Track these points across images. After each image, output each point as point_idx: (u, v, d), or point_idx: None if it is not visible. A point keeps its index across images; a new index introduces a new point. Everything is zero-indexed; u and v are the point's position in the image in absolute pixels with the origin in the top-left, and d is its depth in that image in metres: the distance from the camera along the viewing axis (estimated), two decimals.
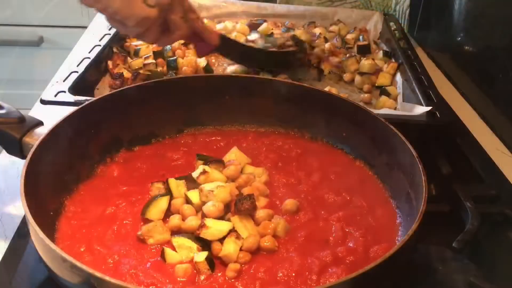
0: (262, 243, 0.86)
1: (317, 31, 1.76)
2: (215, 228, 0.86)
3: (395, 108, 1.35)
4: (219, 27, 1.71)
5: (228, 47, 1.41)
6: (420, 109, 1.23)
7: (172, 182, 0.96)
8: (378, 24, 1.81)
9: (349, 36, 1.74)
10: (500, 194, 1.08)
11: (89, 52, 1.45)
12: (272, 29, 1.71)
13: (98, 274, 0.67)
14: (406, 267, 0.80)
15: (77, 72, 1.34)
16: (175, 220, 0.89)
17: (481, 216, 0.95)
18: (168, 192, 0.95)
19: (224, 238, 0.85)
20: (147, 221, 0.90)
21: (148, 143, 1.12)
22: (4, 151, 1.01)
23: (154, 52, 1.51)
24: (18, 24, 2.52)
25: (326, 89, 1.35)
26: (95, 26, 1.72)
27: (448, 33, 1.76)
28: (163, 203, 0.93)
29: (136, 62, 1.48)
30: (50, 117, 1.01)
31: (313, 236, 0.90)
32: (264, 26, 1.69)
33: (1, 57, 2.58)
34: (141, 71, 1.43)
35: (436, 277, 0.86)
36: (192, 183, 0.96)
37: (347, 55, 1.60)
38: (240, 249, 0.84)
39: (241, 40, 1.59)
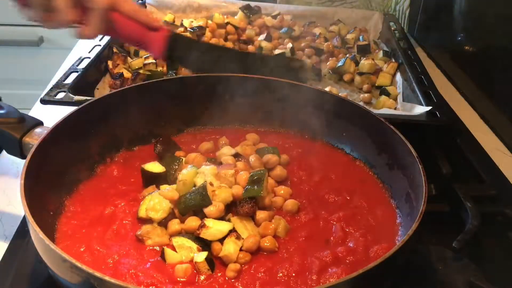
0: (262, 243, 0.86)
1: (317, 31, 1.76)
2: (215, 228, 0.86)
3: (395, 108, 1.35)
4: None
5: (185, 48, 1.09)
6: (420, 109, 1.23)
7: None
8: (378, 24, 1.81)
9: (349, 36, 1.75)
10: (500, 194, 1.08)
11: (89, 52, 1.45)
12: None
13: (98, 274, 0.67)
14: (406, 267, 0.80)
15: (77, 72, 1.34)
16: (174, 225, 0.89)
17: (481, 216, 0.96)
18: None
19: (224, 238, 0.85)
20: (147, 221, 0.90)
21: (148, 143, 1.12)
22: (4, 151, 1.01)
23: None
24: (18, 24, 2.52)
25: (326, 89, 1.35)
26: None
27: (448, 33, 1.76)
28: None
29: (136, 62, 1.48)
30: (50, 117, 1.01)
31: (313, 236, 0.90)
32: None
33: (1, 57, 2.59)
34: (141, 71, 1.43)
35: (436, 277, 0.85)
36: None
37: (347, 54, 1.60)
38: (240, 249, 0.84)
39: None
